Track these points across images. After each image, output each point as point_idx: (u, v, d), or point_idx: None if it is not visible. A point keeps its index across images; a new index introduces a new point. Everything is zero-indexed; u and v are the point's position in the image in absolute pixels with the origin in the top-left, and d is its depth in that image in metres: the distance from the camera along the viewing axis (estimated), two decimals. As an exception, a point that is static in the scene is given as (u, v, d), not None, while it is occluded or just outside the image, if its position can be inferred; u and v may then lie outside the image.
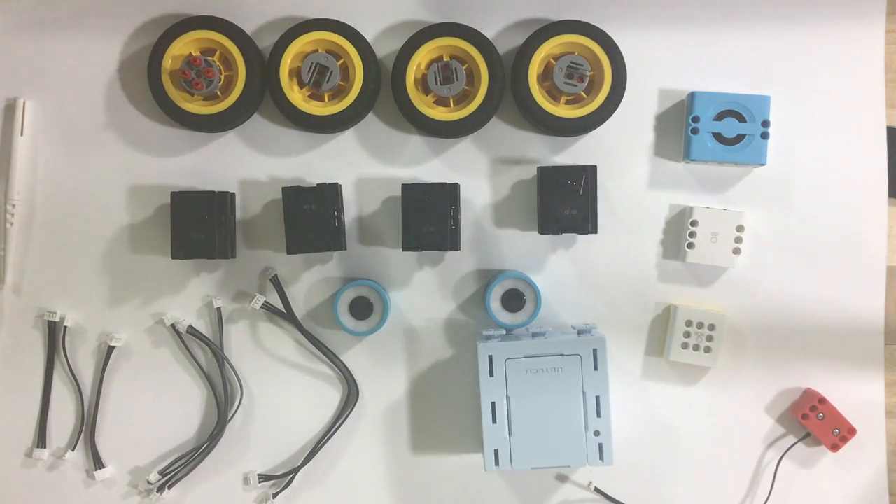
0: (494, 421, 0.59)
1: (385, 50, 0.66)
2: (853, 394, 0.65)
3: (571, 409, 0.59)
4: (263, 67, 0.64)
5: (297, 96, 0.64)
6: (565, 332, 0.63)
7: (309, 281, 0.67)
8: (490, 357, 0.59)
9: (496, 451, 0.59)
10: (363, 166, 0.66)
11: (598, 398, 0.59)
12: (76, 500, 0.67)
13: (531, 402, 0.59)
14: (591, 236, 0.65)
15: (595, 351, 0.59)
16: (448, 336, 0.67)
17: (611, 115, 0.64)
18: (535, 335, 0.60)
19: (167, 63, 0.64)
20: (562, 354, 0.59)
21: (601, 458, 0.58)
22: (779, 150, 0.65)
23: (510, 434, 0.59)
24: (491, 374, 0.59)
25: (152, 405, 0.67)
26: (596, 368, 0.59)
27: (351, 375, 0.66)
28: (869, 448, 0.66)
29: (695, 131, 0.63)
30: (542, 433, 0.59)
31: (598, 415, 0.58)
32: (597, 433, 0.58)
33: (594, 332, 0.60)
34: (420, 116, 0.64)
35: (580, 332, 0.60)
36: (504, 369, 0.59)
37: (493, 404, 0.59)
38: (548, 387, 0.59)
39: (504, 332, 0.63)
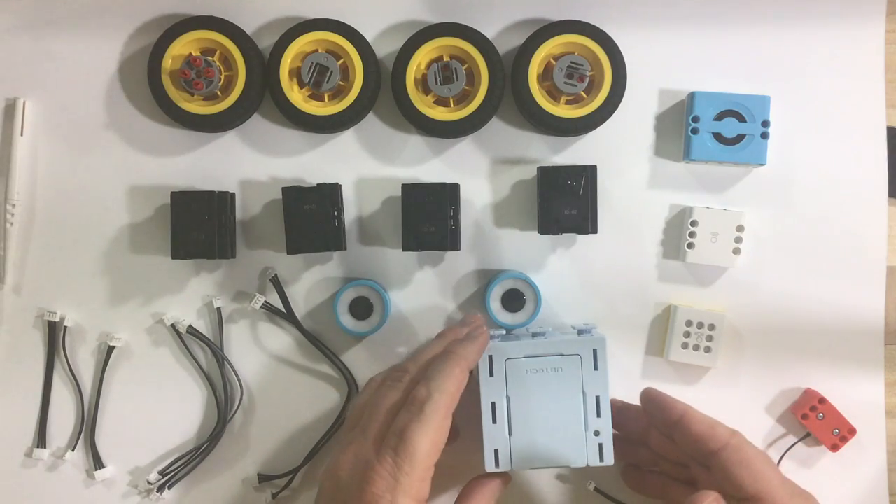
0: (494, 421, 0.59)
1: (385, 50, 0.66)
2: (853, 394, 0.65)
3: (571, 409, 0.59)
4: (263, 67, 0.64)
5: (297, 96, 0.64)
6: (565, 333, 0.63)
7: (309, 281, 0.67)
8: (490, 357, 0.59)
9: (496, 452, 0.59)
10: (363, 166, 0.66)
11: (597, 398, 0.58)
12: (76, 500, 0.67)
13: (531, 402, 0.59)
14: (591, 236, 0.65)
15: (595, 351, 0.59)
16: (448, 336, 0.67)
17: (611, 115, 0.64)
18: (535, 335, 0.60)
19: (167, 63, 0.64)
20: (562, 354, 0.59)
21: (601, 458, 0.58)
22: (779, 150, 0.65)
23: (510, 434, 0.59)
24: (491, 374, 0.59)
25: (152, 405, 0.67)
26: (596, 368, 0.59)
27: (351, 375, 0.66)
28: (869, 448, 0.66)
29: (695, 131, 0.63)
30: (542, 433, 0.59)
31: (599, 415, 0.58)
32: (597, 433, 0.58)
33: (594, 333, 0.60)
34: (420, 116, 0.64)
35: (580, 332, 0.60)
36: (504, 369, 0.59)
37: (493, 404, 0.59)
38: (548, 387, 0.59)
39: (504, 332, 0.63)
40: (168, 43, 0.64)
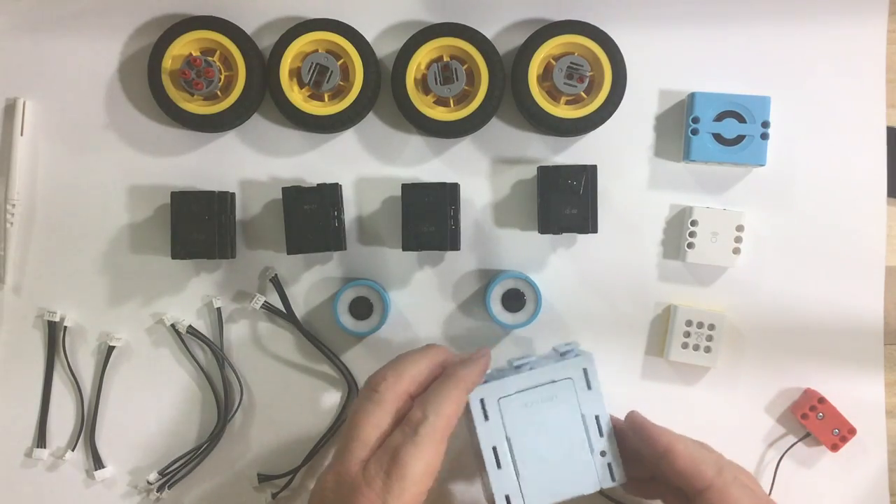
0: (499, 466, 0.56)
1: (385, 50, 0.66)
2: (853, 394, 0.65)
3: (573, 435, 0.56)
4: (263, 67, 0.64)
5: (297, 96, 0.64)
6: (546, 355, 0.61)
7: (309, 281, 0.67)
8: (482, 400, 0.56)
9: (507, 498, 0.56)
10: (363, 166, 0.66)
11: (597, 417, 0.56)
12: (76, 500, 0.67)
13: (533, 438, 0.56)
14: (591, 236, 0.65)
15: (585, 370, 0.57)
16: (448, 336, 0.66)
17: (611, 115, 0.64)
18: (518, 367, 0.58)
19: (167, 63, 0.64)
20: (553, 381, 0.56)
21: (612, 478, 0.56)
22: (779, 150, 0.65)
23: (518, 476, 0.56)
24: (486, 418, 0.56)
25: (152, 405, 0.67)
26: (589, 388, 0.56)
27: (351, 375, 0.66)
28: (869, 448, 0.66)
29: (695, 132, 0.63)
30: (549, 467, 0.56)
31: (601, 433, 0.56)
32: (603, 453, 0.56)
33: (577, 351, 0.58)
34: (420, 116, 0.64)
35: (562, 354, 0.58)
36: (499, 410, 0.56)
37: (495, 449, 0.56)
38: (546, 417, 0.56)
39: (490, 370, 0.59)
40: (168, 43, 0.64)
